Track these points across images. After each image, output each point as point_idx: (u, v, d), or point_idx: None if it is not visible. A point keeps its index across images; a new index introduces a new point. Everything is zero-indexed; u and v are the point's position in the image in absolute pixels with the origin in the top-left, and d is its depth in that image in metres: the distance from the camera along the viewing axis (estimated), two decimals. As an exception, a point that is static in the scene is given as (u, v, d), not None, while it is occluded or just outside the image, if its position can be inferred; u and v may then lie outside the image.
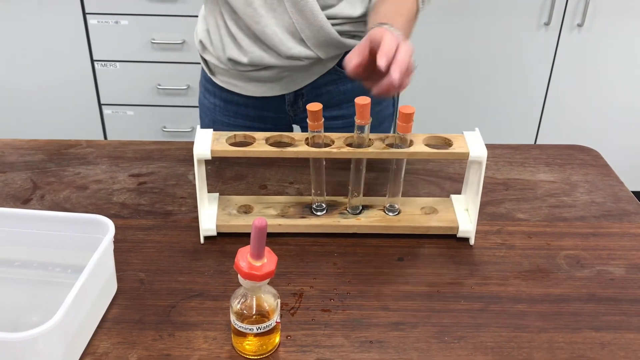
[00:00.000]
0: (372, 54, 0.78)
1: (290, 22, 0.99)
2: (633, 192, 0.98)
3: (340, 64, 1.10)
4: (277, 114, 1.15)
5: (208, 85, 1.17)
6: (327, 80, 1.11)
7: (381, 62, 0.74)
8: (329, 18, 0.99)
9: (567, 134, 2.27)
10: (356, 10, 1.01)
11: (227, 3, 1.00)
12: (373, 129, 0.82)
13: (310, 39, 1.00)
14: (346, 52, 1.06)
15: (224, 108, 1.16)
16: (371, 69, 0.79)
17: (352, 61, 0.79)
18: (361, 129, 0.80)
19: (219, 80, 1.13)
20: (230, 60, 1.05)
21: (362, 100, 0.78)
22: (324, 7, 0.99)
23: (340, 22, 1.02)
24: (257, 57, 1.03)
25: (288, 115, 1.15)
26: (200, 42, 1.10)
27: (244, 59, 1.04)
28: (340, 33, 1.02)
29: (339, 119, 1.12)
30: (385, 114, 1.16)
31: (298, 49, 1.01)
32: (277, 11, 0.99)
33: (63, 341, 0.63)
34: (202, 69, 1.17)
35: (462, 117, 2.25)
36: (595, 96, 2.22)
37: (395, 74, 0.74)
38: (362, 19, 1.02)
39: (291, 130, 1.18)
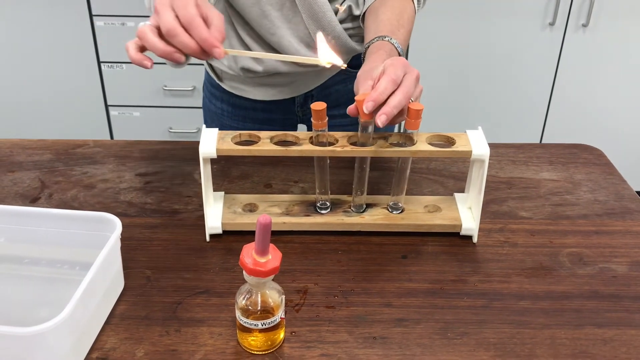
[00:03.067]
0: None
1: (305, 32, 0.99)
2: (636, 191, 0.98)
3: (349, 64, 1.10)
4: (285, 115, 1.15)
5: (214, 90, 1.16)
6: (336, 80, 1.11)
7: (367, 105, 0.74)
8: (341, 22, 1.00)
9: (572, 134, 2.27)
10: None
11: (239, 15, 1.00)
12: (377, 128, 0.82)
13: None
14: (357, 54, 1.07)
15: (232, 112, 1.15)
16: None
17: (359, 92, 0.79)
18: (365, 127, 0.81)
19: (227, 85, 1.13)
20: (243, 69, 1.06)
21: (363, 97, 0.78)
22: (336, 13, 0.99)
23: (353, 28, 1.02)
24: (272, 65, 1.03)
25: (296, 116, 1.16)
26: None
27: (258, 68, 1.04)
28: (356, 41, 1.02)
29: (347, 117, 1.13)
30: None
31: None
32: (293, 22, 0.99)
33: (71, 336, 0.64)
34: (207, 74, 1.16)
35: (468, 117, 2.26)
36: (600, 96, 2.22)
37: (380, 120, 0.74)
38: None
39: (297, 130, 1.18)
